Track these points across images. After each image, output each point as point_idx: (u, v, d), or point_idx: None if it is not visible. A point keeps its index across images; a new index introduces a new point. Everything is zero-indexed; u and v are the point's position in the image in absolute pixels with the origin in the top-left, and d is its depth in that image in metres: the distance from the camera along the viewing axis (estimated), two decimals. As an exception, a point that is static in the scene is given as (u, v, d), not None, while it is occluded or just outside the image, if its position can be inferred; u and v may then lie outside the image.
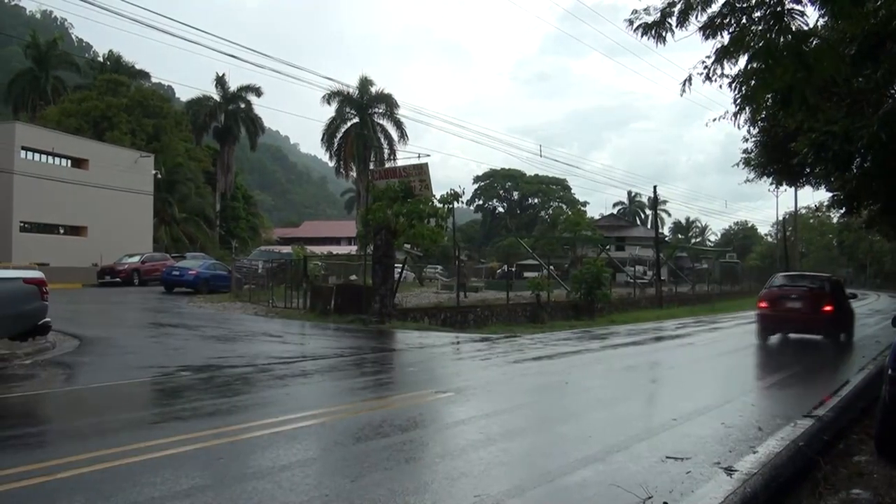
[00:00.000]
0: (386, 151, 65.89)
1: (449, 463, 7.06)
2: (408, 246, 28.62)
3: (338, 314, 25.14)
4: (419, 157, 32.79)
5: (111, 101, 59.99)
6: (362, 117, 67.64)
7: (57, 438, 8.73)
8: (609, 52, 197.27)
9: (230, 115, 71.05)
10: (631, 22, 9.54)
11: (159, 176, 57.25)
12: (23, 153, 45.49)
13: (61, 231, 49.13)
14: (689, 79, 9.75)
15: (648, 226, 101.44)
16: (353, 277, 30.55)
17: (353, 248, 55.20)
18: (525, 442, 8.30)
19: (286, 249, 45.67)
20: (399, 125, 67.18)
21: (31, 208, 45.46)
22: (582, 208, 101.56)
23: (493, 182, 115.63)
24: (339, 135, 68.28)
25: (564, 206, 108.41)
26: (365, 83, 67.28)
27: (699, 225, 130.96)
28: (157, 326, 21.19)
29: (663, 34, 9.37)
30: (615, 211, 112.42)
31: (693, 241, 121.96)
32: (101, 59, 76.82)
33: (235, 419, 9.01)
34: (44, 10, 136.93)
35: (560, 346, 19.99)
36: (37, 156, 46.82)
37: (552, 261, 53.33)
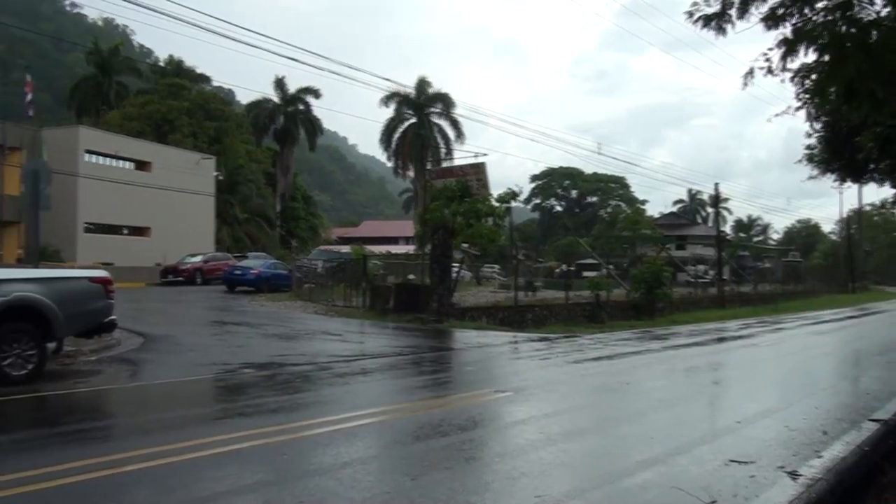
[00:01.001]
0: (443, 151, 66.09)
1: (509, 463, 7.06)
2: (465, 245, 28.59)
3: (396, 313, 25.26)
4: (476, 156, 32.66)
5: (173, 104, 61.15)
6: (419, 117, 67.90)
7: (122, 433, 8.96)
8: (668, 47, 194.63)
9: (289, 116, 71.87)
10: (691, 14, 9.41)
11: (221, 177, 58.16)
12: (87, 156, 46.66)
13: (125, 232, 50.25)
14: (751, 72, 9.57)
15: (709, 224, 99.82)
16: (411, 277, 30.63)
17: (410, 248, 55.33)
18: (585, 443, 8.27)
19: (345, 249, 45.98)
20: (456, 124, 67.34)
21: (96, 210, 46.58)
22: (641, 207, 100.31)
23: (551, 181, 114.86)
24: (396, 135, 68.66)
25: (623, 205, 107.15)
26: (422, 84, 67.57)
27: (761, 223, 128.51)
28: (219, 324, 21.54)
29: (724, 26, 9.23)
30: (675, 209, 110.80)
31: (755, 239, 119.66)
32: (162, 63, 78.31)
33: (297, 416, 9.13)
34: (105, 18, 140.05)
35: (620, 346, 19.82)
36: (100, 159, 47.98)
37: (611, 260, 52.86)
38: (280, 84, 71.34)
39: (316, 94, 72.07)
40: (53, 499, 5.72)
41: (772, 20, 8.74)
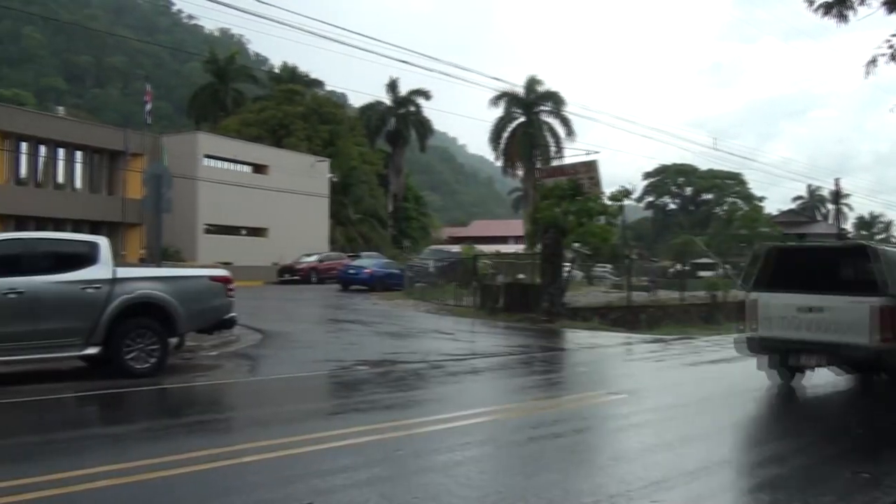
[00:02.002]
0: (553, 149, 65.58)
1: (624, 466, 6.94)
2: (577, 244, 28.26)
3: (507, 312, 25.21)
4: (587, 153, 32.24)
5: (288, 109, 62.71)
6: (529, 116, 67.63)
7: (242, 425, 9.27)
8: (785, 36, 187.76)
9: (400, 118, 72.73)
10: (811, 2, 9.06)
11: (335, 179, 59.32)
12: (205, 161, 48.38)
13: (244, 232, 51.83)
14: (874, 60, 9.14)
15: (830, 221, 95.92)
16: (522, 276, 30.48)
17: (520, 247, 55.15)
18: (702, 448, 8.01)
19: (455, 248, 46.23)
20: (566, 122, 66.75)
21: (215, 212, 48.23)
22: (759, 203, 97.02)
23: (665, 178, 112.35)
24: (505, 134, 68.56)
25: (740, 202, 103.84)
26: (532, 82, 67.28)
27: (884, 220, 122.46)
28: (334, 322, 21.97)
29: (845, 13, 8.85)
30: (794, 206, 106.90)
31: (877, 237, 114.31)
32: (277, 70, 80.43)
33: (411, 413, 9.22)
34: (222, 28, 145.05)
35: (737, 348, 19.22)
36: (218, 163, 49.67)
37: (728, 259, 51.37)
38: (392, 86, 72.31)
39: (426, 95, 72.74)
40: (178, 485, 5.95)
41: (894, 3, 8.33)
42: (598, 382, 13.18)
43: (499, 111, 68.60)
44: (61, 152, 43.32)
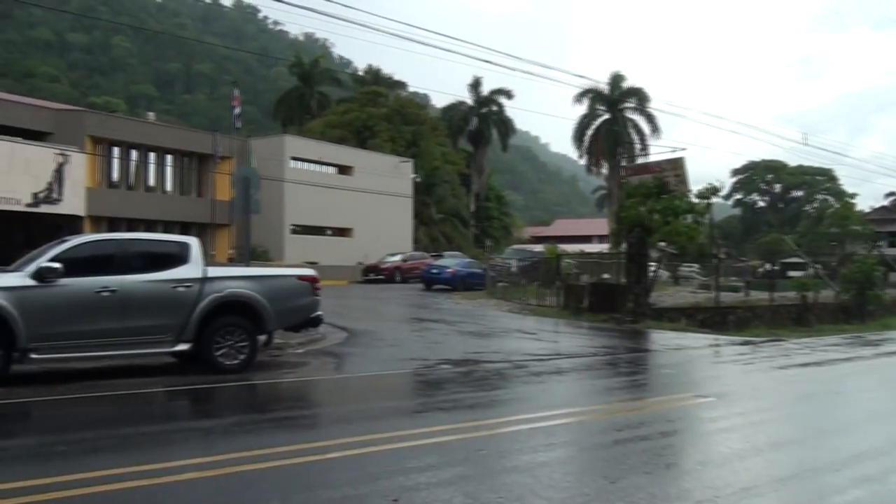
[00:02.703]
0: (637, 146, 64.72)
1: (712, 472, 6.78)
2: (663, 244, 27.76)
3: (591, 312, 24.94)
4: (673, 150, 31.59)
5: (372, 111, 63.42)
6: (613, 113, 66.94)
7: (327, 421, 9.40)
8: (876, 26, 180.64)
9: (482, 118, 72.77)
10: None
11: (418, 179, 59.71)
12: (292, 163, 49.27)
13: (329, 232, 52.60)
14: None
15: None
16: (606, 276, 30.11)
17: (604, 247, 54.56)
18: (792, 454, 7.76)
19: (538, 248, 45.98)
20: (651, 119, 65.92)
21: (301, 212, 49.09)
22: (850, 200, 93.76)
23: (753, 174, 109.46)
24: (589, 132, 68.02)
25: (831, 199, 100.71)
26: (616, 79, 66.66)
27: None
28: (417, 321, 22.09)
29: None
30: (887, 202, 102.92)
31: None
32: (361, 73, 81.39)
33: (494, 412, 9.20)
34: (306, 33, 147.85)
35: (829, 352, 18.61)
36: (304, 164, 50.52)
37: (818, 258, 49.86)
38: (475, 86, 72.42)
39: (508, 94, 72.63)
40: (264, 479, 6.05)
41: None
42: (684, 385, 12.93)
43: (582, 108, 68.26)
44: (152, 156, 44.70)
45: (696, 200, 25.87)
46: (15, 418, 9.31)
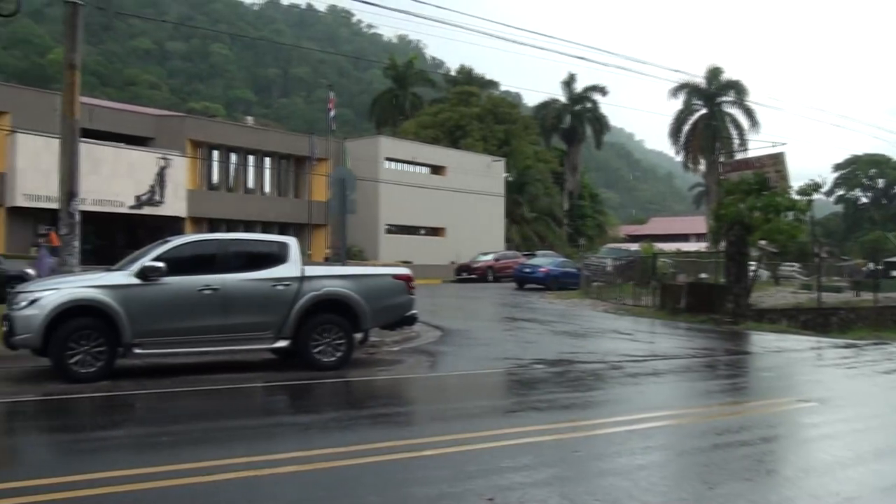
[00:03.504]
0: (736, 142, 63.23)
1: (814, 480, 6.55)
2: (763, 242, 27.01)
3: (688, 313, 24.43)
4: (773, 145, 30.75)
5: (464, 110, 63.61)
6: (710, 108, 65.48)
7: (422, 419, 9.48)
8: None
9: (576, 115, 72.15)
10: None
11: (510, 178, 59.62)
12: (386, 163, 49.83)
13: (422, 232, 53.00)
14: None
15: None
16: (704, 275, 29.49)
17: (702, 245, 53.46)
18: (901, 463, 7.45)
19: (634, 247, 45.40)
20: (749, 113, 64.19)
21: (395, 212, 49.61)
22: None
23: (856, 169, 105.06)
24: (685, 127, 66.73)
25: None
26: (713, 72, 65.18)
27: None
28: (510, 321, 22.05)
29: None
30: None
31: None
32: (453, 73, 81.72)
33: (590, 414, 9.11)
34: (400, 35, 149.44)
35: (942, 354, 17.81)
36: (398, 165, 51.03)
37: (929, 257, 47.74)
38: (568, 83, 71.90)
39: (602, 91, 71.85)
40: (361, 475, 6.15)
41: None
42: (785, 388, 12.53)
43: (678, 103, 66.99)
44: (251, 159, 45.90)
45: (797, 197, 25.10)
46: (121, 410, 9.70)
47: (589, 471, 6.45)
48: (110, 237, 40.29)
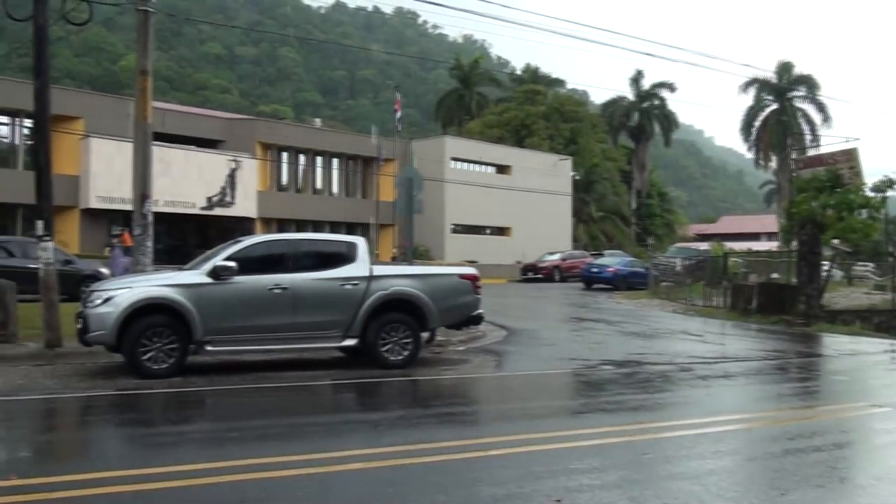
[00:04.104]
0: (808, 137, 61.80)
1: (888, 488, 6.35)
2: (836, 241, 26.33)
3: (759, 314, 23.93)
4: (846, 141, 29.79)
5: (530, 109, 63.42)
6: (781, 103, 64.21)
7: (488, 418, 9.50)
8: None
9: (644, 113, 71.37)
10: None
11: (577, 177, 59.25)
12: (452, 163, 49.98)
13: (488, 231, 53.02)
14: None
15: None
16: (775, 275, 28.86)
17: (773, 244, 52.35)
18: None
19: (703, 246, 44.66)
20: (821, 108, 62.85)
21: (461, 212, 49.72)
22: None
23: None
24: (756, 123, 65.57)
25: None
26: (784, 66, 63.92)
27: None
28: (577, 321, 21.91)
29: None
30: None
31: None
32: (519, 72, 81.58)
33: (659, 416, 9.01)
34: (465, 35, 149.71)
35: None
36: (464, 165, 51.12)
37: None
38: (636, 80, 71.18)
39: (671, 87, 71.03)
40: (428, 473, 6.18)
41: None
42: (859, 393, 12.20)
43: (748, 99, 65.95)
44: (319, 160, 46.52)
45: (871, 194, 24.37)
46: (192, 406, 9.98)
47: (658, 474, 6.38)
48: (182, 237, 41.28)
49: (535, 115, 63.06)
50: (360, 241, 12.70)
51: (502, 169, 53.24)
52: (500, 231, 53.35)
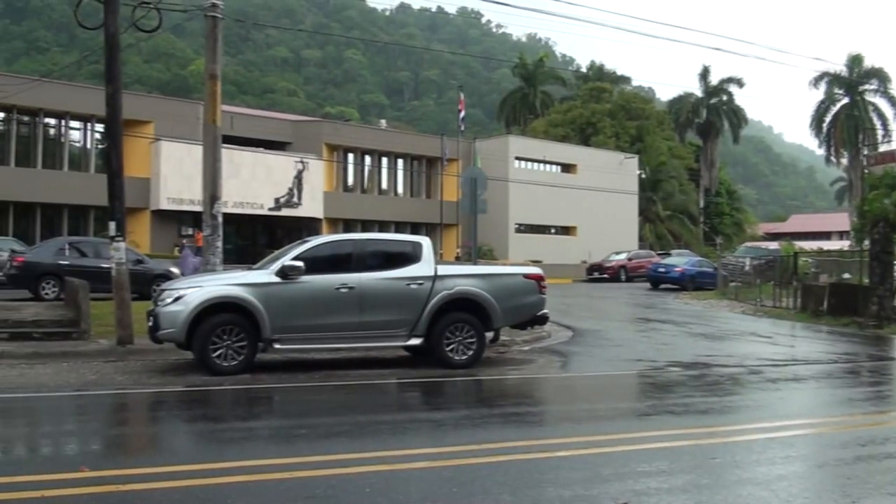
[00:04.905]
0: (880, 132, 60.10)
1: (970, 496, 6.16)
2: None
3: (830, 316, 23.33)
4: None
5: (595, 107, 62.92)
6: (852, 97, 62.62)
7: (554, 419, 9.48)
8: None
9: (712, 109, 70.10)
10: None
11: (643, 175, 58.57)
12: (516, 163, 49.81)
13: (552, 231, 52.75)
14: None
15: None
16: (847, 276, 28.10)
17: (845, 244, 51.06)
18: None
19: (773, 245, 43.72)
20: (894, 102, 61.02)
21: (525, 211, 49.54)
22: None
23: None
24: (826, 119, 64.08)
25: None
26: (855, 59, 62.31)
27: None
28: (644, 321, 21.69)
29: None
30: None
31: None
32: (583, 70, 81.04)
33: (727, 419, 8.88)
34: (529, 34, 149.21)
35: None
36: (528, 164, 50.92)
37: None
38: (703, 76, 70.02)
39: (739, 83, 69.60)
40: (493, 473, 6.17)
41: None
42: (937, 397, 11.85)
43: (819, 94, 64.37)
44: (384, 161, 46.89)
45: (947, 191, 23.59)
46: (260, 402, 10.17)
47: (727, 479, 6.27)
48: (251, 237, 42.04)
49: (601, 112, 62.54)
50: (425, 241, 12.78)
51: (567, 168, 52.93)
52: (565, 230, 53.04)
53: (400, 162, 47.77)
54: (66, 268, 20.62)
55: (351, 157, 45.70)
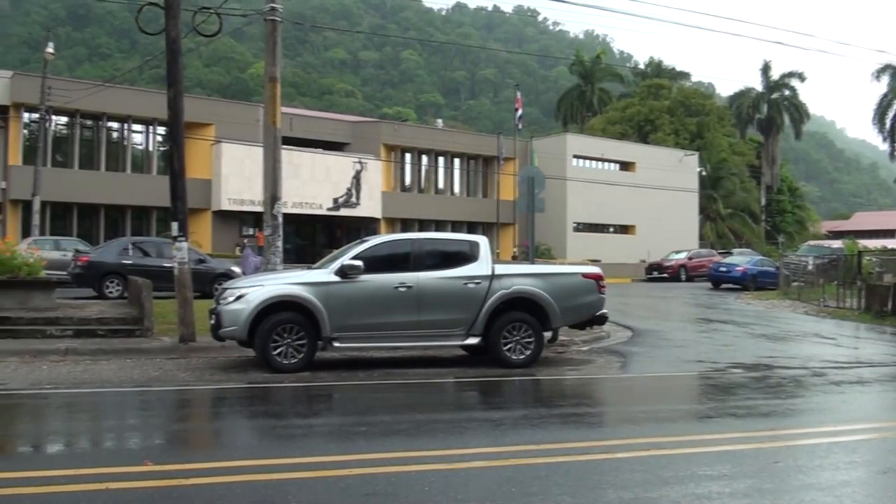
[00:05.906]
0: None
1: None
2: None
3: (895, 317, 22.73)
4: None
5: (653, 104, 62.24)
6: (915, 90, 60.99)
7: (613, 420, 9.42)
8: None
9: (773, 104, 68.85)
10: None
11: (703, 173, 57.77)
12: (574, 161, 49.53)
13: (611, 230, 52.32)
14: None
15: None
16: (913, 275, 27.34)
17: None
18: None
19: (836, 244, 42.74)
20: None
21: (583, 210, 49.25)
22: None
23: None
24: (890, 113, 62.49)
25: None
26: (918, 52, 60.67)
27: None
28: (705, 322, 21.40)
29: None
30: None
31: None
32: (642, 66, 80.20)
33: (790, 422, 8.73)
34: (586, 30, 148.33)
35: None
36: (586, 162, 50.59)
37: None
38: (765, 70, 68.84)
39: (801, 77, 68.31)
40: (552, 473, 6.16)
41: None
42: None
43: (882, 87, 62.77)
44: (441, 160, 47.01)
45: None
46: (320, 400, 10.29)
47: (789, 484, 6.17)
48: (310, 237, 42.52)
49: (660, 109, 61.86)
50: (482, 241, 12.79)
51: (626, 166, 52.47)
52: (624, 229, 52.57)
53: (456, 161, 47.86)
54: (130, 267, 21.08)
55: (408, 157, 45.94)
